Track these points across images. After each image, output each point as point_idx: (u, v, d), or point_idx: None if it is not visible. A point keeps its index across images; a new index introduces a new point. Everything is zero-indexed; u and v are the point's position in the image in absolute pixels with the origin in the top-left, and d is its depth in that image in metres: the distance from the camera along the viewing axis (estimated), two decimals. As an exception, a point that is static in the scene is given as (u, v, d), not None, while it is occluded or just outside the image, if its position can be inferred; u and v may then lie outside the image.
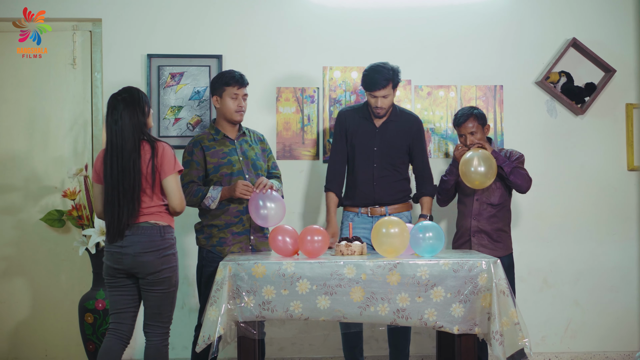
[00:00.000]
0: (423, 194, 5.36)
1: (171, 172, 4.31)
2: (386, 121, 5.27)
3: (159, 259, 4.30)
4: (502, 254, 5.26)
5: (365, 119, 5.28)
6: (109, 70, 5.86)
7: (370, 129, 5.27)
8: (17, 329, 5.90)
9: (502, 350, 4.16)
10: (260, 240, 5.06)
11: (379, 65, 5.13)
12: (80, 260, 5.82)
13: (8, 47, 5.83)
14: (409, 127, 5.31)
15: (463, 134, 5.31)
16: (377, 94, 5.11)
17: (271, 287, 4.27)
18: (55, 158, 5.89)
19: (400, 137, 5.28)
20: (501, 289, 4.24)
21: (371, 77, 5.10)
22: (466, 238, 5.35)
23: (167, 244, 4.33)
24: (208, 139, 5.03)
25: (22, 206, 5.89)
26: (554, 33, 6.05)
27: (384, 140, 5.26)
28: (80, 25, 5.93)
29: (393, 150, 5.27)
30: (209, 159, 4.97)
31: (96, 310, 5.45)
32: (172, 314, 4.44)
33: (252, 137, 5.17)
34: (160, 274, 4.31)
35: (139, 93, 4.36)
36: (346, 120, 5.32)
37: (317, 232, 4.48)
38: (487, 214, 5.30)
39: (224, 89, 4.98)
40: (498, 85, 6.02)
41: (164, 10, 5.90)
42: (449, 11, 6.03)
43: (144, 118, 4.33)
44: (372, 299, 4.26)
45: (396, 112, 5.30)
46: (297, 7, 5.97)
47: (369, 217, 5.24)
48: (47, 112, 5.92)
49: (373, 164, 5.24)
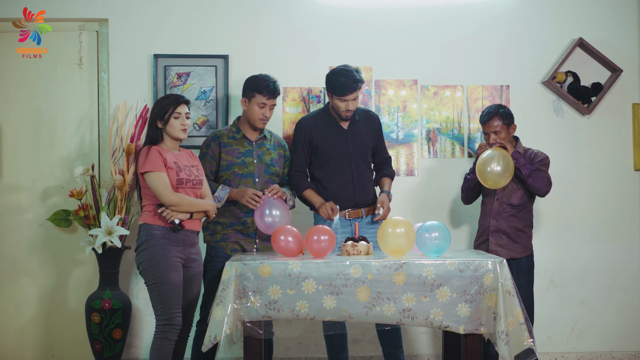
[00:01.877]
0: (384, 174, 5.34)
1: (141, 175, 4.51)
2: (352, 122, 5.24)
3: (136, 256, 4.56)
4: (520, 255, 5.26)
5: (332, 123, 5.22)
6: (115, 70, 5.87)
7: (340, 132, 5.23)
8: (24, 328, 5.91)
9: (507, 350, 4.17)
10: (264, 244, 5.09)
11: (344, 69, 5.08)
12: (87, 260, 5.84)
13: (14, 47, 5.83)
14: (372, 125, 5.32)
15: (487, 133, 5.29)
16: (347, 98, 5.07)
17: (277, 287, 4.28)
18: (62, 158, 5.90)
19: (368, 135, 5.27)
20: (507, 289, 4.24)
21: (341, 82, 5.03)
22: (485, 237, 5.35)
23: (140, 241, 4.53)
24: (228, 135, 5.07)
25: (28, 206, 5.90)
26: (560, 33, 6.04)
27: (356, 140, 5.23)
28: (86, 26, 5.94)
29: (365, 148, 5.26)
30: (224, 155, 5.00)
31: (103, 309, 5.46)
32: (162, 309, 4.46)
33: (272, 141, 5.18)
34: (139, 269, 4.55)
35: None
36: (310, 129, 5.23)
37: (324, 231, 4.49)
38: (506, 213, 5.28)
39: (254, 95, 4.99)
40: (504, 85, 6.02)
41: (170, 10, 5.91)
42: (456, 11, 6.03)
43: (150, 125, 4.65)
44: (378, 298, 4.27)
45: (357, 112, 5.29)
46: (303, 6, 5.97)
47: (347, 219, 5.20)
48: (53, 112, 5.92)
49: (351, 165, 5.21)
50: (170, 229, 4.50)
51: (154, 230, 4.48)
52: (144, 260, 4.47)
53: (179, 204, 4.46)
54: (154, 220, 4.50)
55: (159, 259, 4.44)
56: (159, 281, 4.44)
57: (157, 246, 4.46)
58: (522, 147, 5.35)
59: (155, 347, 4.44)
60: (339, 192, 5.19)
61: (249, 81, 5.06)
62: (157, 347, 4.43)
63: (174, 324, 4.46)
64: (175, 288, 4.46)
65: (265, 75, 5.06)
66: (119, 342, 5.52)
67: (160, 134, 4.59)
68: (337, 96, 5.08)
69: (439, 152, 6.00)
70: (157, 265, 4.44)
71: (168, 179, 4.47)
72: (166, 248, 4.47)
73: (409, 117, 5.99)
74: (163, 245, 4.46)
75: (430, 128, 6.00)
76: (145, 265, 4.46)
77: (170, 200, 4.44)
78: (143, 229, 4.52)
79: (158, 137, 4.58)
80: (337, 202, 5.14)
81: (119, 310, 5.49)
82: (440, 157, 6.00)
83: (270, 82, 5.00)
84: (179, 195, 4.48)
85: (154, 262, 4.44)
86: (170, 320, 4.45)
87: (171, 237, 4.49)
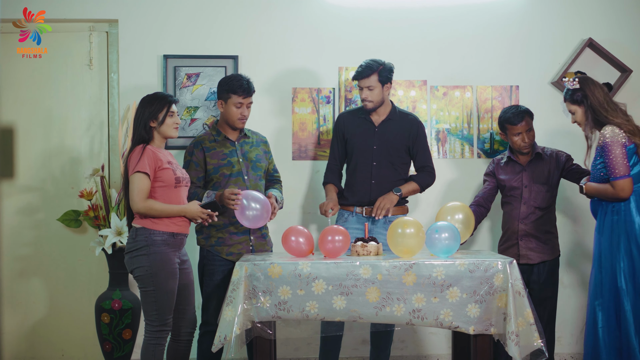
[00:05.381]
0: (412, 177, 5.33)
1: (130, 173, 4.44)
2: (385, 120, 5.26)
3: (130, 260, 4.47)
4: (551, 257, 5.28)
5: (365, 119, 5.27)
6: (125, 71, 5.88)
7: (369, 128, 5.26)
8: (34, 328, 5.93)
9: (517, 350, 4.17)
10: (259, 241, 5.08)
11: (372, 59, 5.18)
12: (97, 260, 5.85)
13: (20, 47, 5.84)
14: (409, 127, 5.29)
15: (521, 132, 5.31)
16: (362, 84, 5.12)
17: (287, 287, 4.29)
18: (72, 159, 5.92)
19: (400, 136, 5.26)
20: (517, 290, 4.24)
21: (359, 68, 5.15)
22: (513, 242, 5.33)
23: (138, 245, 4.43)
24: (209, 139, 5.06)
25: (39, 206, 5.92)
26: (570, 33, 6.04)
27: (383, 139, 5.24)
28: (96, 26, 5.95)
29: (392, 149, 5.25)
30: (209, 159, 4.99)
31: (112, 310, 5.47)
32: (157, 315, 4.43)
33: (253, 138, 5.18)
34: (133, 273, 4.47)
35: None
36: (344, 123, 5.33)
37: (338, 231, 4.50)
38: (534, 217, 5.28)
39: (229, 96, 4.98)
40: (514, 86, 6.01)
41: (180, 11, 5.92)
42: (465, 11, 6.02)
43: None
44: (388, 299, 4.27)
45: (395, 112, 5.29)
46: (313, 7, 5.97)
47: (364, 217, 5.22)
48: (63, 113, 5.94)
49: (372, 162, 5.23)
50: (211, 207, 4.55)
51: (155, 236, 4.42)
52: (142, 265, 4.40)
53: (146, 213, 4.41)
54: (153, 224, 4.43)
55: (159, 266, 4.40)
56: (157, 289, 4.40)
57: (159, 253, 4.41)
58: (538, 147, 5.37)
59: (149, 352, 4.42)
60: (358, 188, 5.24)
61: (222, 83, 5.05)
62: (152, 352, 4.42)
63: (166, 329, 4.46)
64: (172, 295, 4.45)
65: (238, 75, 5.07)
66: (129, 342, 5.54)
67: (151, 133, 4.57)
68: (355, 82, 5.22)
69: (449, 152, 6.00)
70: (157, 273, 4.40)
71: (150, 185, 4.43)
72: (167, 255, 4.43)
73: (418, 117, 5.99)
74: (164, 252, 4.42)
75: (440, 128, 5.99)
76: (145, 271, 4.40)
77: (137, 208, 4.39)
78: (142, 233, 4.43)
79: (149, 137, 4.54)
80: (356, 197, 5.21)
81: (129, 311, 5.50)
82: (449, 157, 6.00)
83: (244, 81, 5.00)
84: (148, 203, 4.42)
85: (154, 269, 4.39)
86: (164, 325, 4.45)
87: (170, 242, 4.46)
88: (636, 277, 4.61)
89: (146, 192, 4.40)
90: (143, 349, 4.44)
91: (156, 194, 4.46)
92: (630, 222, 4.64)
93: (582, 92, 4.75)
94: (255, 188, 5.01)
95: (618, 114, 4.70)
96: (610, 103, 4.73)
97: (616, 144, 4.60)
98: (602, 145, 4.65)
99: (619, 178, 4.60)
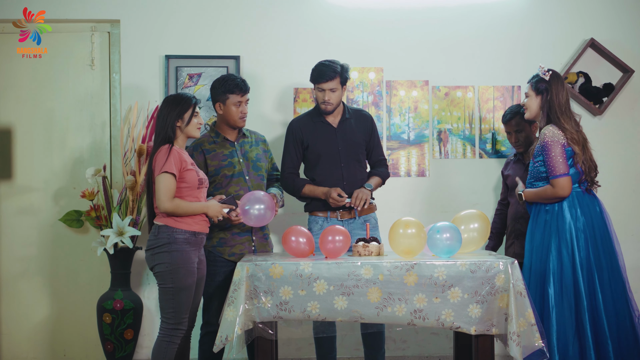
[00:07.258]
0: (372, 172, 5.28)
1: (157, 173, 4.43)
2: (342, 120, 5.21)
3: (152, 256, 4.47)
4: None
5: (321, 122, 5.20)
6: (127, 71, 5.88)
7: (329, 130, 5.20)
8: (36, 328, 5.94)
9: (519, 351, 4.16)
10: (261, 242, 5.08)
11: (328, 60, 5.11)
12: (99, 260, 5.85)
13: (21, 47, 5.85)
14: (364, 123, 5.26)
15: (510, 132, 5.33)
16: (324, 87, 5.05)
17: (288, 288, 4.28)
18: (74, 159, 5.92)
19: (359, 133, 5.22)
20: (518, 290, 4.23)
21: (319, 70, 5.07)
22: (511, 241, 5.34)
23: (160, 242, 4.44)
24: (208, 142, 5.05)
25: (40, 207, 5.92)
26: (571, 33, 6.03)
27: (345, 138, 5.19)
28: (98, 27, 5.96)
29: (356, 147, 5.21)
30: (210, 161, 4.99)
31: (114, 310, 5.48)
32: (174, 313, 4.43)
33: (252, 137, 5.18)
34: (154, 270, 4.48)
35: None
36: (301, 130, 5.21)
37: (339, 232, 4.50)
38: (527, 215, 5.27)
39: (227, 97, 4.97)
40: (516, 86, 6.01)
41: (182, 11, 5.92)
42: (466, 11, 6.02)
43: None
44: (389, 299, 4.27)
45: (348, 110, 5.25)
46: (314, 7, 5.98)
47: (339, 220, 5.15)
48: (65, 113, 5.94)
49: (340, 163, 5.17)
50: (228, 202, 4.61)
51: (177, 235, 4.44)
52: (163, 262, 4.42)
53: (173, 212, 4.43)
54: (176, 223, 4.45)
55: (180, 264, 4.41)
56: (176, 286, 4.41)
57: (181, 251, 4.42)
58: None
59: (161, 349, 4.42)
60: None
61: (217, 85, 5.01)
62: (164, 350, 4.42)
63: (181, 328, 4.46)
64: (190, 294, 4.47)
65: (231, 75, 5.07)
66: (131, 342, 5.54)
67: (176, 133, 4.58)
68: (315, 84, 5.10)
69: (450, 152, 6.00)
70: (177, 270, 4.41)
71: (176, 185, 4.45)
72: (188, 254, 4.45)
73: (420, 117, 5.99)
74: (185, 250, 4.44)
75: (442, 129, 6.00)
76: (165, 267, 4.41)
77: (165, 207, 4.40)
78: (164, 231, 4.44)
79: (173, 137, 4.56)
80: (328, 202, 5.10)
81: (131, 311, 5.51)
82: (451, 157, 6.00)
83: (238, 79, 5.00)
84: (175, 202, 4.44)
85: (175, 266, 4.41)
86: (179, 324, 4.45)
87: (192, 241, 4.48)
88: (564, 278, 4.58)
89: (173, 192, 4.43)
90: (156, 345, 4.45)
91: (181, 194, 4.48)
92: (562, 222, 4.63)
93: (548, 85, 4.74)
94: (257, 187, 5.01)
95: (570, 122, 4.70)
96: (567, 109, 4.73)
97: (555, 144, 4.61)
98: (542, 144, 4.66)
99: (559, 176, 4.59)
